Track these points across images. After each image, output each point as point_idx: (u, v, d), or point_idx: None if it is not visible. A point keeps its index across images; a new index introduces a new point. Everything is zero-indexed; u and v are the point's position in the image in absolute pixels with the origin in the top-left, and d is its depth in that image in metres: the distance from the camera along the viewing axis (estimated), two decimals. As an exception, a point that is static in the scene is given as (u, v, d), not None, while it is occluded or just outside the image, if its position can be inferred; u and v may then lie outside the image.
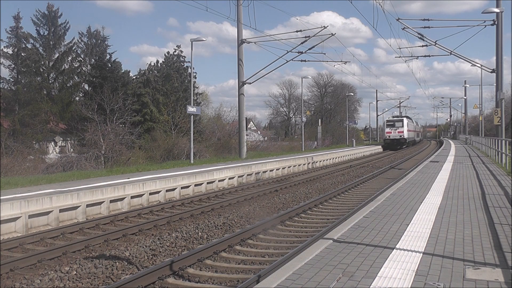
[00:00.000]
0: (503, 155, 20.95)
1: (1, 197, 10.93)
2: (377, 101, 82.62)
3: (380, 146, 55.26)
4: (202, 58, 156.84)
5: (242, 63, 29.29)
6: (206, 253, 8.17)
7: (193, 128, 27.26)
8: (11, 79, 44.58)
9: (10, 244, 9.16)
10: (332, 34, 27.95)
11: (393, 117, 60.58)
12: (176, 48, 52.05)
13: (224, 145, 42.45)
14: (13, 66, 44.32)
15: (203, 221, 11.21)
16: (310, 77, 64.36)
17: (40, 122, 41.61)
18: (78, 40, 51.51)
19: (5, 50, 43.99)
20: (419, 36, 23.98)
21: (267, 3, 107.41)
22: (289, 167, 25.13)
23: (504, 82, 24.72)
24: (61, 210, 11.29)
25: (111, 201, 12.88)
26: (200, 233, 10.03)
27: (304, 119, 49.43)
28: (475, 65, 28.74)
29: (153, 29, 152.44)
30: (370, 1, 79.09)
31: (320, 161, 30.29)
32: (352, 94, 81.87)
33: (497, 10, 22.06)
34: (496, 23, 22.68)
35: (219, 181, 18.36)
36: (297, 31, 27.85)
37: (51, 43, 47.33)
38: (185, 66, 51.72)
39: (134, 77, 49.61)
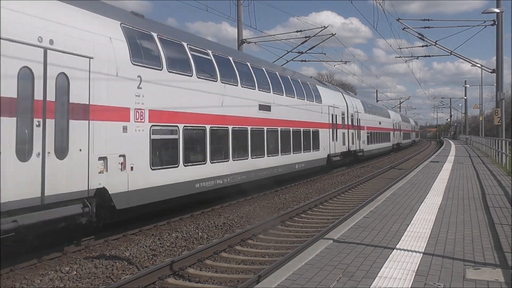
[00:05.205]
0: (503, 155, 20.95)
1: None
2: (377, 101, 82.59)
3: None
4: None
5: (241, 62, 28.61)
6: (206, 253, 8.17)
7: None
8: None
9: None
10: (333, 34, 27.94)
11: None
12: (176, 48, 51.90)
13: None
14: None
15: (203, 221, 11.20)
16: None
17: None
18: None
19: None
20: (419, 36, 23.96)
21: (266, 3, 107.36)
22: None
23: (504, 82, 24.72)
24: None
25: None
26: (200, 233, 10.03)
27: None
28: (475, 65, 28.73)
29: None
30: (370, 1, 79.01)
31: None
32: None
33: (497, 10, 22.05)
34: (496, 23, 22.66)
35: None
36: (297, 31, 27.82)
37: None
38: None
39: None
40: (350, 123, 26.23)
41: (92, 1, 9.12)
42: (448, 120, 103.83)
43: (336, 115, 23.46)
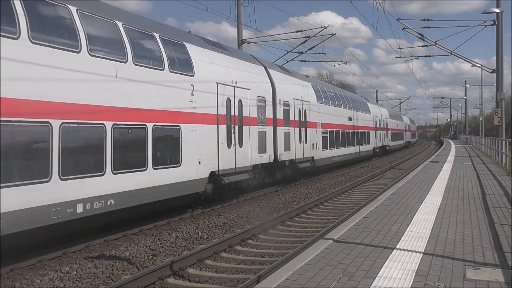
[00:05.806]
0: (503, 155, 20.95)
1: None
2: (377, 101, 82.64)
3: None
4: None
5: (241, 62, 28.52)
6: (206, 253, 8.17)
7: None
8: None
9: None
10: (333, 34, 27.94)
11: None
12: (176, 48, 51.78)
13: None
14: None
15: (203, 221, 11.20)
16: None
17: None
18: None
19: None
20: (419, 36, 23.95)
21: (266, 3, 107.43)
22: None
23: (504, 82, 24.71)
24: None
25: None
26: (200, 233, 10.03)
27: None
28: (475, 65, 28.72)
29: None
30: (370, 1, 78.94)
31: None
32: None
33: (497, 10, 22.05)
34: (496, 23, 22.65)
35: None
36: (297, 31, 27.84)
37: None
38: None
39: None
40: (281, 116, 16.63)
41: None
42: (448, 120, 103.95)
43: (241, 102, 13.66)
